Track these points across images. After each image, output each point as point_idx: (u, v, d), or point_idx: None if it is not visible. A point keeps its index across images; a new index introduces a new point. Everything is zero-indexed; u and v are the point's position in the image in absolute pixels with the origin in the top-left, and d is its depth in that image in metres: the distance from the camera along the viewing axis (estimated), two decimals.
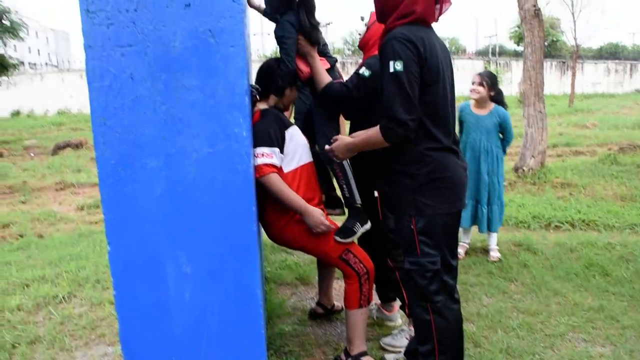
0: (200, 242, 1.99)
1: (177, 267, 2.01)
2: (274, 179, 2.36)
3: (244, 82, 1.88)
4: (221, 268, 2.02)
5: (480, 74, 4.53)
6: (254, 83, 2.66)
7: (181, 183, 1.91)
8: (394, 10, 2.05)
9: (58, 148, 13.21)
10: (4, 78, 18.52)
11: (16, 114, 26.04)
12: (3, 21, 16.38)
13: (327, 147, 2.36)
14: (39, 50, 62.50)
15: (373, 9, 2.28)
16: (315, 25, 2.62)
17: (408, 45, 1.92)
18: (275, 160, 2.38)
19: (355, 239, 2.62)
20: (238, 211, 1.97)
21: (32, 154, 13.32)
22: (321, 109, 2.77)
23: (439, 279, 2.12)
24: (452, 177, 2.12)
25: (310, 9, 2.60)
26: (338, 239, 2.52)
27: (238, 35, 1.85)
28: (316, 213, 2.44)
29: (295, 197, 2.42)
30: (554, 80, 31.31)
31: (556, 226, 5.62)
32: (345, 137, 2.30)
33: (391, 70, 1.92)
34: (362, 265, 2.57)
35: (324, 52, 2.81)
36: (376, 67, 2.51)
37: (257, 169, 2.32)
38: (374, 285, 2.78)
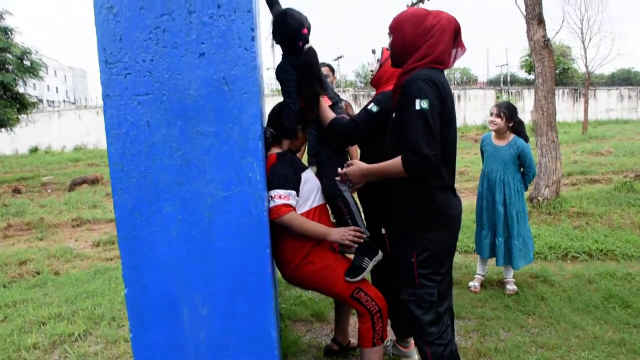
0: (216, 284, 2.02)
1: (192, 308, 2.03)
2: (293, 217, 2.39)
3: (257, 127, 1.93)
4: (236, 310, 2.04)
5: (498, 105, 4.52)
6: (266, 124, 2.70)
7: (196, 226, 1.95)
8: (414, 53, 2.16)
9: (74, 184, 13.41)
10: (24, 116, 18.98)
11: (34, 150, 26.56)
12: (24, 62, 16.84)
13: (340, 170, 2.43)
14: (57, 88, 64.02)
15: (385, 45, 2.37)
16: (314, 93, 2.65)
17: (432, 86, 2.04)
18: (292, 202, 2.42)
19: (366, 274, 2.62)
20: (252, 254, 2.00)
21: (49, 190, 13.51)
22: (327, 148, 2.82)
23: (435, 311, 2.24)
24: (455, 216, 2.26)
25: (311, 78, 2.61)
26: (349, 279, 2.53)
27: (251, 83, 1.91)
28: (338, 229, 2.52)
29: (316, 226, 2.48)
30: (567, 108, 31.32)
31: (573, 257, 5.54)
32: (361, 162, 2.37)
33: (417, 107, 2.01)
34: (374, 304, 2.57)
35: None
36: (385, 104, 2.58)
37: (276, 209, 2.35)
38: (389, 321, 2.77)
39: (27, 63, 17.02)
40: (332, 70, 4.71)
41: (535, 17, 7.92)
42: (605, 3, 25.14)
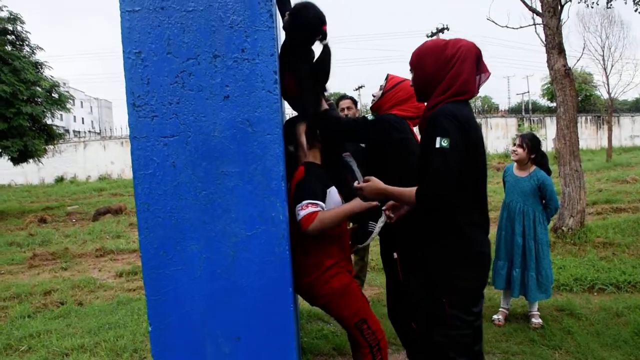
0: (239, 321, 2.03)
1: (216, 346, 2.04)
2: (321, 217, 2.35)
3: (280, 168, 1.96)
4: (259, 347, 2.05)
5: (522, 136, 4.52)
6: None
7: (220, 265, 1.98)
8: (438, 85, 2.13)
9: (99, 214, 13.62)
10: (51, 146, 19.45)
11: (60, 180, 27.10)
12: (52, 94, 17.34)
13: (356, 184, 2.40)
14: (83, 119, 65.62)
15: (390, 72, 2.39)
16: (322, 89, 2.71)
17: (456, 124, 1.99)
18: (320, 210, 2.40)
19: (376, 234, 2.61)
20: (275, 292, 2.01)
21: (74, 220, 13.73)
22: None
23: (471, 351, 2.13)
24: (486, 253, 2.16)
25: (325, 74, 2.64)
26: (359, 245, 2.53)
27: (274, 124, 1.95)
28: (355, 201, 2.48)
29: (344, 209, 2.46)
30: (590, 135, 31.00)
31: (600, 289, 5.42)
32: (379, 181, 2.28)
33: (437, 145, 1.96)
34: (374, 337, 2.59)
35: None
36: (381, 120, 2.74)
37: (307, 217, 2.32)
38: (405, 350, 2.76)
39: (55, 96, 17.51)
40: (354, 103, 4.77)
41: (555, 46, 7.93)
42: (626, 29, 25.00)
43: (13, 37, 16.74)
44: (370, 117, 2.76)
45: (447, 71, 2.12)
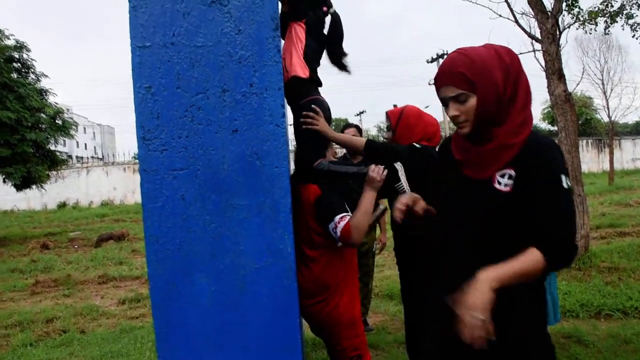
0: (247, 352, 2.03)
1: None
2: (353, 223, 2.29)
3: (287, 200, 1.98)
4: None
5: None
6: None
7: (228, 297, 1.98)
8: (513, 104, 1.62)
9: (101, 240, 13.60)
10: (54, 172, 19.54)
11: (62, 205, 27.12)
12: (56, 121, 17.50)
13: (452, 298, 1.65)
14: (85, 145, 66.01)
15: (396, 103, 2.35)
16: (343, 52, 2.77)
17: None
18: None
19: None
20: (283, 323, 2.01)
21: (76, 246, 13.71)
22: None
23: None
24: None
25: (340, 39, 2.72)
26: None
27: (282, 157, 1.98)
28: (369, 180, 2.42)
29: (365, 201, 2.37)
30: (592, 158, 31.07)
31: (607, 315, 5.37)
32: (488, 274, 1.52)
33: (565, 186, 1.55)
34: None
35: None
36: (407, 151, 2.67)
37: (345, 228, 2.28)
38: None
39: (59, 122, 17.67)
40: (359, 131, 4.84)
41: (555, 72, 8.01)
42: (624, 54, 25.24)
43: (19, 64, 16.96)
44: (399, 147, 2.75)
45: (518, 84, 1.63)
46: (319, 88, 2.65)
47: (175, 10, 2.03)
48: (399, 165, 2.60)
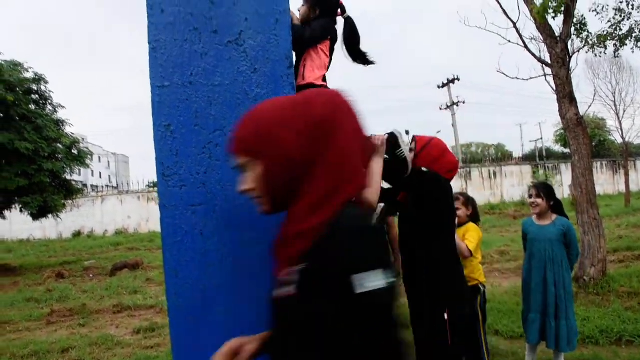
0: None
1: None
2: (367, 193, 2.23)
3: None
4: None
5: (535, 187, 4.51)
6: None
7: (248, 330, 2.00)
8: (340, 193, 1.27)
9: (116, 269, 13.68)
10: (69, 201, 19.79)
11: (77, 234, 27.35)
12: (72, 151, 17.81)
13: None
14: (100, 173, 66.81)
15: (418, 133, 2.40)
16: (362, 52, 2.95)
17: None
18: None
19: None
20: None
21: (91, 275, 13.79)
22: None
23: None
24: None
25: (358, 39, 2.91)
26: (407, 174, 2.62)
27: None
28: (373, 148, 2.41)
29: (374, 169, 2.32)
30: (607, 180, 30.79)
31: (628, 341, 5.29)
32: None
33: (360, 290, 1.15)
34: None
35: None
36: (432, 174, 2.78)
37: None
38: None
39: (75, 152, 17.98)
40: None
41: (566, 95, 8.05)
42: (636, 75, 25.15)
43: (37, 96, 17.36)
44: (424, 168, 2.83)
45: (326, 136, 1.26)
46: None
47: (193, 50, 2.11)
48: (398, 132, 2.64)
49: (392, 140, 2.61)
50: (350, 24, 2.88)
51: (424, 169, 2.85)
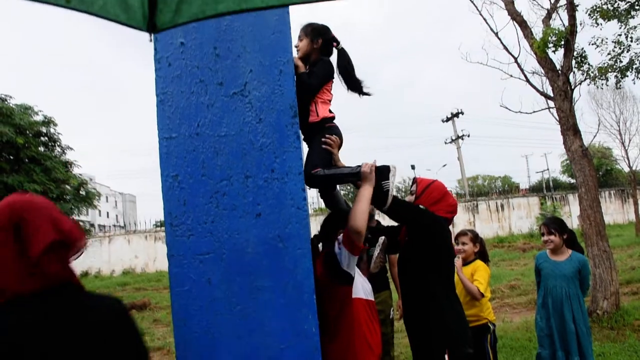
0: None
1: None
2: (355, 207, 2.35)
3: (311, 281, 2.04)
4: None
5: (546, 224, 4.44)
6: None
7: None
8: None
9: None
10: None
11: (85, 275, 27.26)
12: (80, 192, 17.93)
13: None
14: (107, 213, 66.98)
15: (420, 175, 2.44)
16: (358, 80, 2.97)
17: None
18: None
19: (393, 189, 2.63)
20: None
21: None
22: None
23: None
24: None
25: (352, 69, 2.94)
26: (385, 208, 2.58)
27: (304, 239, 2.05)
28: (364, 175, 2.49)
29: (361, 197, 2.40)
30: (616, 209, 30.52)
31: None
32: None
33: None
34: None
35: None
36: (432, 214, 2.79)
37: (344, 233, 2.34)
38: None
39: (83, 193, 18.10)
40: None
41: (570, 127, 8.07)
42: (639, 104, 25.18)
43: (46, 138, 17.59)
44: (421, 206, 2.87)
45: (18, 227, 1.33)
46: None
47: (200, 102, 2.17)
48: (393, 167, 2.67)
49: (384, 170, 2.68)
50: (344, 55, 2.97)
51: (421, 206, 2.90)
